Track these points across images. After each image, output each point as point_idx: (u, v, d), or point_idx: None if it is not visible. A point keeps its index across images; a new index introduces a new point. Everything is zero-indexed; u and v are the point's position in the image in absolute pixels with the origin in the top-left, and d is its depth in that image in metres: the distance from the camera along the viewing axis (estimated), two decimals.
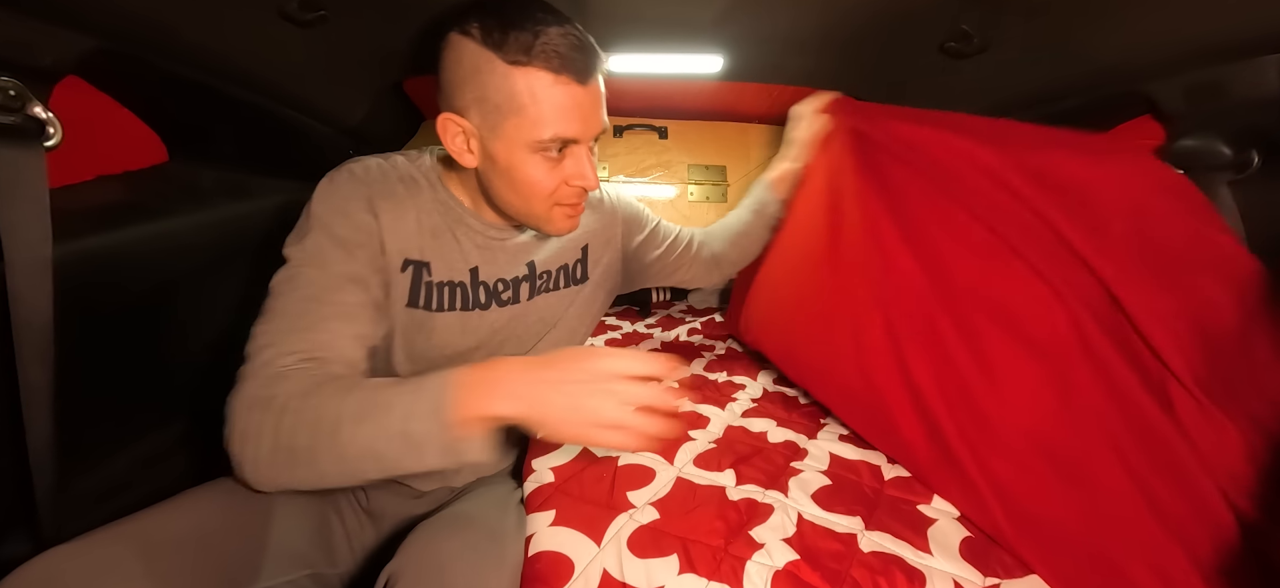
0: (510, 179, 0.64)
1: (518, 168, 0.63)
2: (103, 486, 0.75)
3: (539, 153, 0.63)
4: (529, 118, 0.60)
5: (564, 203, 0.68)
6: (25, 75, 0.57)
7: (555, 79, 0.60)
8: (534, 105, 0.60)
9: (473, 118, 0.62)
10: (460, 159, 0.65)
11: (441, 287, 0.70)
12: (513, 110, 0.60)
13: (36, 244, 0.57)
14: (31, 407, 0.58)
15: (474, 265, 0.72)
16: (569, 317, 0.82)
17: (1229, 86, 0.63)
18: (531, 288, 0.77)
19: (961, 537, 0.61)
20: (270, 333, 0.58)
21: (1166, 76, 0.69)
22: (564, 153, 0.65)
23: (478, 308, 0.72)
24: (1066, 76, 0.79)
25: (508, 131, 0.61)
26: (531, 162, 0.63)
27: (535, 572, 0.57)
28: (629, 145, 1.51)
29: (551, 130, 0.61)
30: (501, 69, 0.59)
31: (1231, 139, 0.63)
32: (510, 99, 0.60)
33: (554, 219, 0.68)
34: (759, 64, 1.07)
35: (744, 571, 0.55)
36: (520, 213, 0.68)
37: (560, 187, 0.66)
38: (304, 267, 0.61)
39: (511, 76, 0.59)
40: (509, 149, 0.62)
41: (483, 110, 0.61)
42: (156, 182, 0.83)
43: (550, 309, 0.79)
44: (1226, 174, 0.65)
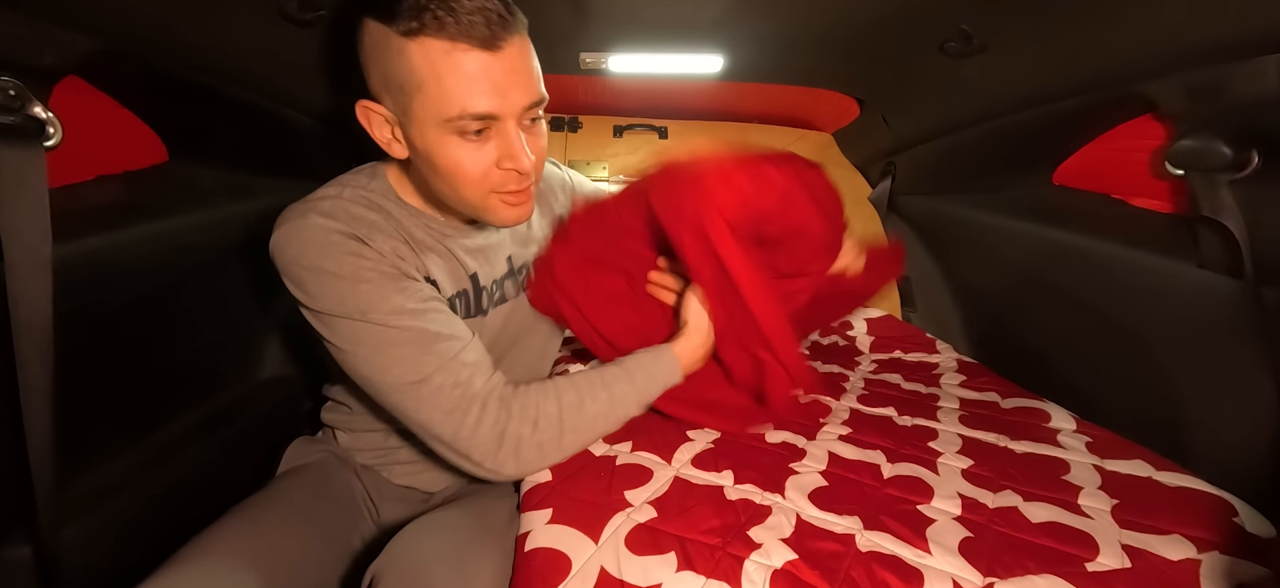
0: (433, 166, 0.58)
1: (436, 152, 0.57)
2: (103, 486, 0.75)
3: (454, 134, 0.56)
4: (431, 95, 0.54)
5: (501, 190, 0.61)
6: (25, 75, 0.57)
7: (451, 45, 0.53)
8: (434, 80, 0.54)
9: (386, 103, 0.57)
10: (390, 151, 0.60)
11: (453, 300, 0.68)
12: (414, 87, 0.54)
13: (36, 244, 0.57)
14: (31, 407, 0.58)
15: (473, 271, 0.70)
16: None
17: (1229, 86, 0.63)
18: (515, 285, 0.76)
19: (961, 536, 0.61)
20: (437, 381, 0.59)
21: (1166, 76, 0.69)
22: (486, 133, 0.58)
23: (479, 315, 0.71)
24: (1066, 76, 0.79)
25: (417, 113, 0.56)
26: (449, 144, 0.57)
27: (532, 569, 0.57)
28: (629, 145, 1.51)
29: (458, 106, 0.54)
30: (396, 43, 0.53)
31: (1231, 139, 0.63)
32: (410, 75, 0.54)
33: (493, 208, 0.62)
34: (759, 64, 1.07)
35: (742, 570, 0.55)
36: (456, 202, 0.63)
37: (491, 171, 0.59)
38: (375, 322, 0.58)
39: (406, 50, 0.53)
40: (422, 133, 0.56)
41: (390, 92, 0.56)
42: (156, 182, 0.83)
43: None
44: (1226, 174, 0.65)
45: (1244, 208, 0.65)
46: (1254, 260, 0.66)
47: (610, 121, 1.50)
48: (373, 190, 0.65)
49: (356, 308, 0.58)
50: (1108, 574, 0.56)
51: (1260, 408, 0.70)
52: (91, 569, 0.69)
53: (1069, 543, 0.61)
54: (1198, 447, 0.78)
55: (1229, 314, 0.72)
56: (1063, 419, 0.89)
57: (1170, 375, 0.84)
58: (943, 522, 0.63)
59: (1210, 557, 0.58)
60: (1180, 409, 0.81)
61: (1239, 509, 0.64)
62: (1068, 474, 0.74)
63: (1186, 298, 0.78)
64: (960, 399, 0.99)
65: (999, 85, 0.89)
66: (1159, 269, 0.81)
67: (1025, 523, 0.64)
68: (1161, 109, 0.72)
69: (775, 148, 0.77)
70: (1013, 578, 0.55)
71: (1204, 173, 0.67)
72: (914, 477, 0.72)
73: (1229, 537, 0.60)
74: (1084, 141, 0.89)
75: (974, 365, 1.15)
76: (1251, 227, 0.65)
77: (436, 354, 0.59)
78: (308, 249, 0.58)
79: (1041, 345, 1.11)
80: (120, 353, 0.79)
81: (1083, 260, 0.93)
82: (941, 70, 0.93)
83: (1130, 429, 0.83)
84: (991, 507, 0.68)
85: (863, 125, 1.37)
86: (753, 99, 1.40)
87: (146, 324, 0.81)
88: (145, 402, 0.83)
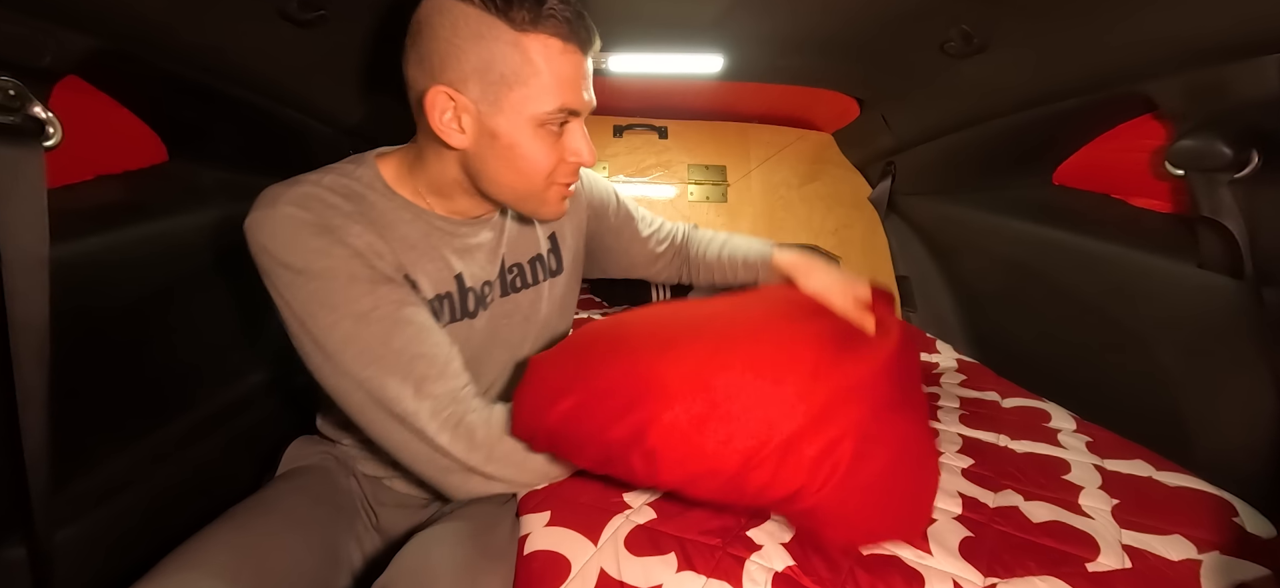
0: (510, 157, 0.60)
1: (520, 145, 0.60)
2: (101, 487, 0.75)
3: (543, 128, 0.60)
4: (536, 88, 0.57)
5: (560, 182, 0.64)
6: (25, 75, 0.57)
7: (564, 46, 0.57)
8: (542, 75, 0.57)
9: (470, 91, 0.57)
10: (448, 138, 0.59)
11: (435, 300, 0.66)
12: (519, 81, 0.57)
13: (34, 244, 0.57)
14: (27, 407, 0.58)
15: (458, 272, 0.68)
16: (548, 311, 0.79)
17: (1229, 86, 0.63)
18: (504, 285, 0.73)
19: (961, 537, 0.61)
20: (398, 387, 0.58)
21: (1166, 76, 0.69)
22: (563, 128, 0.62)
23: (466, 317, 0.69)
24: (1066, 76, 0.79)
25: (512, 104, 0.58)
26: (535, 137, 0.60)
27: (531, 571, 0.57)
28: (629, 145, 1.51)
29: (558, 101, 0.58)
30: (509, 36, 0.56)
31: (1231, 139, 0.63)
32: (517, 69, 0.56)
33: (549, 200, 0.65)
34: (759, 64, 1.07)
35: (743, 570, 0.55)
36: (516, 195, 0.64)
37: (558, 165, 0.63)
38: (341, 314, 0.57)
39: (521, 44, 0.56)
40: (512, 124, 0.59)
41: (485, 81, 0.57)
42: (156, 181, 0.83)
43: (531, 305, 0.76)
44: (1226, 174, 0.65)
45: (1244, 208, 0.65)
46: (1254, 260, 0.66)
47: (610, 121, 1.50)
48: (358, 178, 0.64)
49: (321, 308, 0.57)
50: (1108, 575, 0.56)
51: (1260, 408, 0.70)
52: (87, 571, 0.69)
53: (1070, 543, 0.61)
54: (1198, 447, 0.78)
55: (1229, 314, 0.72)
56: (1063, 419, 0.89)
57: (1170, 375, 0.84)
58: (943, 522, 0.63)
59: (1211, 557, 0.58)
60: (1180, 409, 0.81)
61: (1239, 509, 0.64)
62: (1068, 474, 0.74)
63: (1186, 298, 0.78)
64: (960, 399, 0.99)
65: (999, 85, 0.89)
66: (1159, 269, 0.81)
67: (1026, 523, 0.64)
68: (1161, 109, 0.72)
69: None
70: (1013, 579, 0.55)
71: (1204, 173, 0.67)
72: None
73: (1229, 537, 0.60)
74: (1084, 141, 0.89)
75: (974, 365, 1.15)
76: (1251, 227, 0.65)
77: (406, 374, 0.58)
78: (276, 240, 0.57)
79: (1041, 345, 1.11)
80: (119, 353, 0.79)
81: (1083, 260, 0.93)
82: (941, 70, 0.93)
83: (1130, 429, 0.83)
84: (992, 507, 0.67)
85: (863, 125, 1.37)
86: (753, 99, 1.40)
87: (146, 324, 0.80)
88: (144, 402, 0.82)
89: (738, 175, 1.52)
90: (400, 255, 0.63)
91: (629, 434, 0.55)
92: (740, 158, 1.53)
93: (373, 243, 0.60)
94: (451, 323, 0.68)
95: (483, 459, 0.61)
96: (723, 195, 1.51)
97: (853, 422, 0.56)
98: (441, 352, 0.61)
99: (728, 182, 1.52)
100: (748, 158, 1.53)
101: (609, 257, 0.90)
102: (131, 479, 0.78)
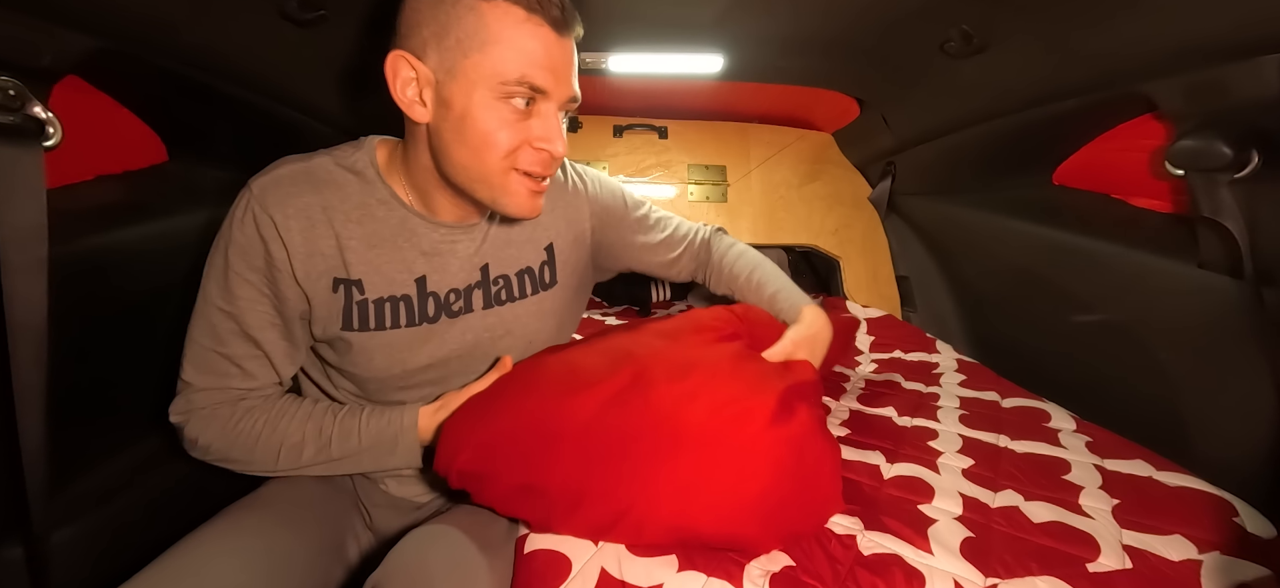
0: (463, 130, 0.57)
1: (475, 114, 0.56)
2: (100, 487, 0.75)
3: (502, 100, 0.56)
4: (492, 55, 0.54)
5: (525, 170, 0.60)
6: (25, 75, 0.57)
7: (527, 16, 0.55)
8: (500, 42, 0.54)
9: (429, 58, 0.56)
10: (409, 111, 0.58)
11: (380, 304, 0.64)
12: (475, 45, 0.54)
13: (33, 244, 0.57)
14: (25, 407, 0.58)
15: (420, 275, 0.65)
16: (540, 327, 0.74)
17: (1229, 86, 0.63)
18: (486, 296, 0.69)
19: (962, 537, 0.61)
20: (194, 356, 0.64)
21: (1166, 76, 0.69)
22: (531, 109, 0.58)
23: (425, 322, 0.66)
24: (1066, 76, 0.79)
25: (467, 70, 0.55)
26: (492, 108, 0.56)
27: (532, 570, 0.57)
28: (629, 145, 1.51)
29: (517, 70, 0.55)
30: (468, 1, 0.54)
31: (1231, 139, 0.63)
32: (474, 33, 0.54)
33: (511, 188, 0.60)
34: (759, 64, 1.07)
35: (744, 571, 0.55)
36: (473, 175, 0.60)
37: (522, 148, 0.58)
38: (216, 304, 0.62)
39: (478, 9, 0.54)
40: (466, 92, 0.55)
41: (442, 47, 0.55)
42: (156, 182, 0.83)
43: (518, 321, 0.72)
44: (1226, 174, 0.65)
45: (1244, 208, 0.65)
46: (1254, 260, 0.66)
47: (610, 121, 1.50)
48: (352, 163, 0.65)
49: (213, 273, 0.63)
50: (1109, 575, 0.56)
51: (1260, 408, 0.70)
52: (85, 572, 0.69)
53: (1070, 543, 0.61)
54: (1198, 447, 0.78)
55: (1229, 314, 0.72)
56: (1063, 419, 0.89)
57: (1170, 375, 0.84)
58: (944, 522, 0.63)
59: (1211, 557, 0.58)
60: (1180, 409, 0.81)
61: (1239, 509, 0.64)
62: (1068, 474, 0.74)
63: (1186, 298, 0.78)
64: (960, 399, 0.99)
65: (999, 85, 0.89)
66: (1159, 269, 0.81)
67: (1026, 523, 0.64)
68: (1161, 109, 0.72)
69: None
70: (1014, 579, 0.55)
71: (1204, 173, 0.67)
72: (915, 477, 0.72)
73: (1230, 537, 0.60)
74: (1084, 141, 0.89)
75: (974, 365, 1.15)
76: (1251, 227, 0.65)
77: (210, 352, 0.63)
78: (235, 225, 0.61)
79: (1041, 345, 1.11)
80: (118, 353, 0.79)
81: (1083, 260, 0.93)
82: (941, 70, 0.93)
83: (1130, 429, 0.83)
84: (993, 507, 0.67)
85: (863, 125, 1.37)
86: (753, 99, 1.40)
87: (145, 325, 0.80)
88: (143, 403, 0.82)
89: (738, 175, 1.52)
90: (352, 254, 0.63)
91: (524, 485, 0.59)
92: (740, 158, 1.53)
93: (310, 243, 0.62)
94: (408, 327, 0.66)
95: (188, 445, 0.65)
96: (723, 195, 1.51)
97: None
98: (256, 370, 0.65)
99: (728, 181, 1.52)
100: (748, 158, 1.53)
101: (622, 259, 0.86)
102: (129, 480, 0.78)
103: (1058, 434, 0.85)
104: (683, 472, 0.57)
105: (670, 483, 0.57)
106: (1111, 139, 0.85)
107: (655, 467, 0.57)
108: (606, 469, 0.58)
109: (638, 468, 0.57)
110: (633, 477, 0.57)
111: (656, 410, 0.60)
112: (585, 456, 0.58)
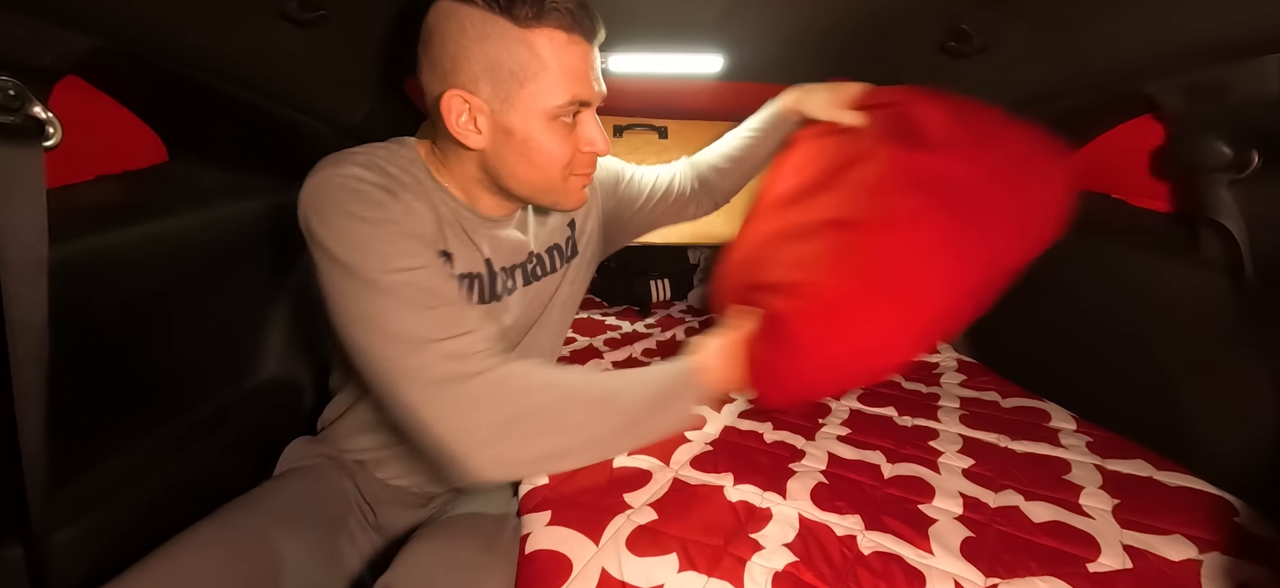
0: (527, 152, 0.61)
1: (535, 139, 0.60)
2: (99, 488, 0.75)
3: (556, 120, 0.60)
4: (546, 82, 0.58)
5: (578, 172, 0.66)
6: (25, 75, 0.57)
7: (569, 38, 0.58)
8: (551, 68, 0.58)
9: (482, 91, 0.58)
10: (465, 140, 0.61)
11: (466, 278, 0.67)
12: (529, 76, 0.58)
13: (33, 244, 0.57)
14: (25, 408, 0.58)
15: (488, 256, 0.69)
16: (565, 294, 0.80)
17: (1229, 86, 0.63)
18: (526, 274, 0.74)
19: (963, 536, 0.61)
20: (414, 333, 0.55)
21: (1166, 76, 0.69)
22: (576, 119, 0.63)
23: (494, 300, 0.70)
24: (1066, 76, 0.79)
25: (524, 100, 0.59)
26: (549, 130, 0.60)
27: (533, 570, 0.57)
28: (629, 145, 1.50)
29: (569, 93, 0.59)
30: (514, 33, 0.57)
31: (1231, 139, 0.63)
32: (525, 64, 0.57)
33: (570, 191, 0.66)
34: (759, 64, 1.07)
35: (745, 570, 0.55)
36: (536, 189, 0.65)
37: (574, 155, 0.64)
38: (374, 270, 0.55)
39: (526, 40, 0.57)
40: (525, 119, 0.59)
41: (495, 80, 0.58)
42: (156, 182, 0.83)
43: (548, 293, 0.78)
44: (1226, 174, 0.65)
45: (1244, 208, 0.65)
46: (1254, 260, 0.66)
47: (610, 121, 1.49)
48: (403, 158, 0.65)
49: (374, 255, 0.55)
50: (1109, 575, 0.56)
51: (1260, 408, 0.70)
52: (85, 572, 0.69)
53: (1070, 543, 0.61)
54: (1198, 447, 0.78)
55: (1229, 314, 0.72)
56: (1063, 419, 0.89)
57: (1170, 375, 0.84)
58: (944, 522, 0.63)
59: (1211, 557, 0.58)
60: (1180, 409, 0.81)
61: (1240, 509, 0.64)
62: (1068, 474, 0.74)
63: (1186, 298, 0.78)
64: (960, 399, 0.99)
65: (999, 85, 0.89)
66: (1159, 269, 0.81)
67: (1027, 523, 0.64)
68: (1161, 109, 0.72)
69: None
70: (1015, 579, 0.55)
71: (1204, 173, 0.67)
72: (915, 477, 0.72)
73: (1230, 537, 0.60)
74: (1084, 141, 0.89)
75: (974, 365, 1.15)
76: (1251, 227, 0.65)
77: (439, 318, 0.56)
78: (340, 193, 0.57)
79: (1041, 345, 1.11)
80: (118, 354, 0.78)
81: (1083, 260, 0.93)
82: (941, 70, 0.93)
83: (1130, 429, 0.83)
84: (993, 507, 0.67)
85: None
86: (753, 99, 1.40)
87: (145, 324, 0.80)
88: (143, 403, 0.82)
89: None
90: (442, 229, 0.65)
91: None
92: None
93: (423, 210, 0.62)
94: (479, 304, 0.69)
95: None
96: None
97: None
98: (474, 315, 0.59)
99: None
100: None
101: (633, 225, 0.90)
102: (130, 480, 0.78)
103: (1058, 434, 0.85)
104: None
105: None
106: (1111, 139, 0.85)
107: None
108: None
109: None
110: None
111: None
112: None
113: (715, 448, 0.76)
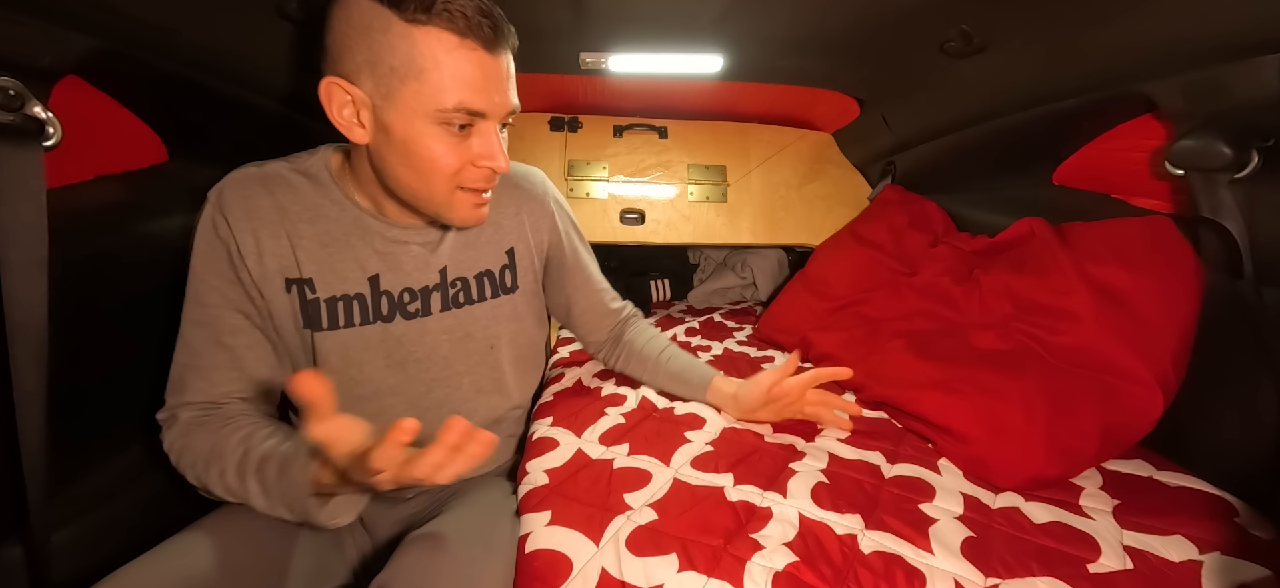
0: (407, 155, 0.58)
1: (416, 142, 0.57)
2: (98, 488, 0.75)
3: (440, 125, 0.57)
4: (429, 84, 0.55)
5: (468, 187, 0.61)
6: (25, 75, 0.57)
7: (459, 41, 0.54)
8: (435, 69, 0.54)
9: (363, 84, 0.56)
10: (348, 134, 0.59)
11: (332, 302, 0.65)
12: (411, 74, 0.54)
13: (33, 244, 0.57)
14: (25, 409, 0.58)
15: (373, 273, 0.66)
16: (504, 329, 0.75)
17: (1229, 86, 0.63)
18: (444, 298, 0.70)
19: (963, 536, 0.61)
20: (173, 377, 0.64)
21: (1166, 76, 0.69)
22: (470, 129, 0.59)
23: (380, 320, 0.67)
24: (1066, 76, 0.79)
25: (405, 99, 0.55)
26: (432, 135, 0.57)
27: (533, 570, 0.57)
28: (629, 145, 1.50)
29: (454, 98, 0.55)
30: (399, 28, 0.53)
31: (1231, 139, 0.63)
32: (408, 62, 0.54)
33: (456, 205, 0.62)
34: (759, 64, 1.07)
35: (745, 570, 0.55)
36: (418, 196, 0.62)
37: (465, 168, 0.60)
38: (190, 304, 0.64)
39: (410, 36, 0.54)
40: (406, 120, 0.56)
41: (376, 74, 0.55)
42: (156, 182, 0.83)
43: (476, 323, 0.73)
44: (1226, 174, 0.65)
45: (1244, 208, 0.65)
46: (1254, 260, 0.66)
47: (610, 121, 1.50)
48: (310, 164, 0.67)
49: (191, 291, 0.64)
50: (1110, 576, 0.56)
51: (1260, 408, 0.70)
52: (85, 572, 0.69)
53: (1071, 544, 0.61)
54: (1198, 447, 0.78)
55: (1229, 314, 0.72)
56: None
57: None
58: (945, 522, 0.63)
59: (1212, 558, 0.58)
60: (1180, 409, 0.81)
61: (1240, 510, 0.64)
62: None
63: None
64: None
65: (999, 85, 0.89)
66: None
67: (1027, 523, 0.64)
68: (1161, 109, 0.72)
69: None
70: (1015, 579, 0.55)
71: (1204, 173, 0.67)
72: (915, 477, 0.72)
73: (1230, 537, 0.60)
74: (1084, 141, 0.89)
75: None
76: (1251, 227, 0.65)
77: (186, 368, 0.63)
78: (201, 226, 0.64)
79: None
80: (118, 354, 0.79)
81: None
82: (941, 70, 0.93)
83: None
84: (993, 507, 0.67)
85: (863, 125, 1.37)
86: (753, 99, 1.40)
87: (145, 325, 0.80)
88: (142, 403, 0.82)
89: (738, 175, 1.52)
90: (303, 253, 0.64)
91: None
92: (740, 158, 1.52)
93: (259, 243, 0.63)
94: (362, 325, 0.67)
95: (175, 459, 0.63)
96: (723, 195, 1.51)
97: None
98: (230, 366, 0.64)
99: (728, 181, 1.51)
100: (748, 158, 1.53)
101: (556, 292, 0.85)
102: (129, 480, 0.78)
103: None
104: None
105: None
106: (1111, 139, 0.85)
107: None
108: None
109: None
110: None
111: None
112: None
113: (715, 448, 0.76)
